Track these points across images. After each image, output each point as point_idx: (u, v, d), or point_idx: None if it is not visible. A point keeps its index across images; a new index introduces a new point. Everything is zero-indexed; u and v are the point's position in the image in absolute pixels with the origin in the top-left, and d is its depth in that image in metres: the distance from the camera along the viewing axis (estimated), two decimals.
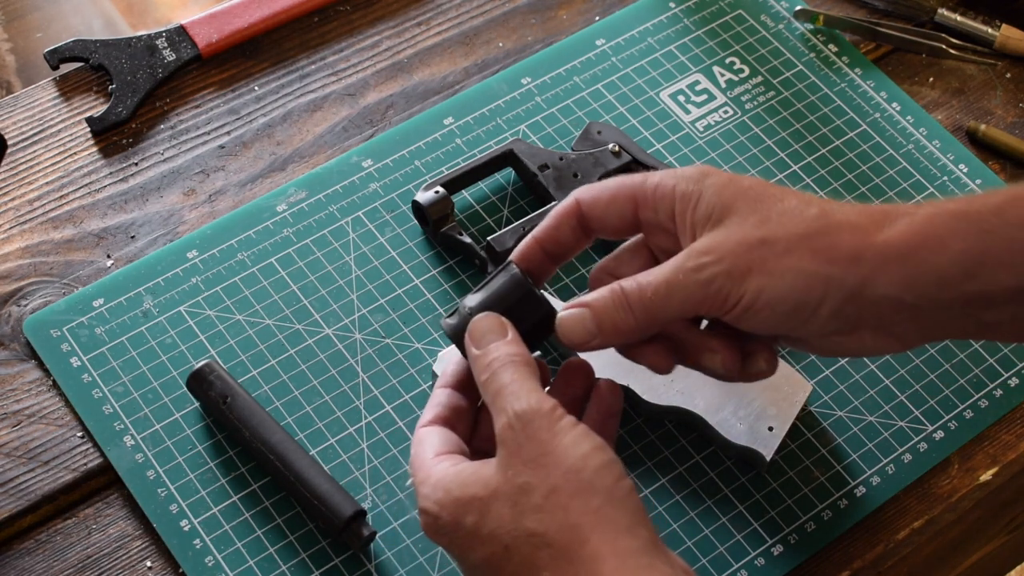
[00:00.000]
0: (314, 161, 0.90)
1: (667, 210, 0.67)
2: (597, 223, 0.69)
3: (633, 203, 0.68)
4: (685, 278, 0.65)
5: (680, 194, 0.66)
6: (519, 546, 0.61)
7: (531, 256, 0.69)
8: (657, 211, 0.67)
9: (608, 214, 0.68)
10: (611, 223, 0.68)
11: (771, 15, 0.97)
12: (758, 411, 0.77)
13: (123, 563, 0.74)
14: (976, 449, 0.80)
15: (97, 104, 0.92)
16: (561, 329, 0.67)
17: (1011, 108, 0.94)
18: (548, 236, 0.69)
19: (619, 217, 0.68)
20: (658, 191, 0.67)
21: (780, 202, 0.66)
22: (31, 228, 0.86)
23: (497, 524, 0.61)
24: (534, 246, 0.69)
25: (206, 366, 0.78)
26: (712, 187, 0.66)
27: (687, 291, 0.65)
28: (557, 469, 0.61)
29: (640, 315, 0.66)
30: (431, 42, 0.96)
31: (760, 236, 0.64)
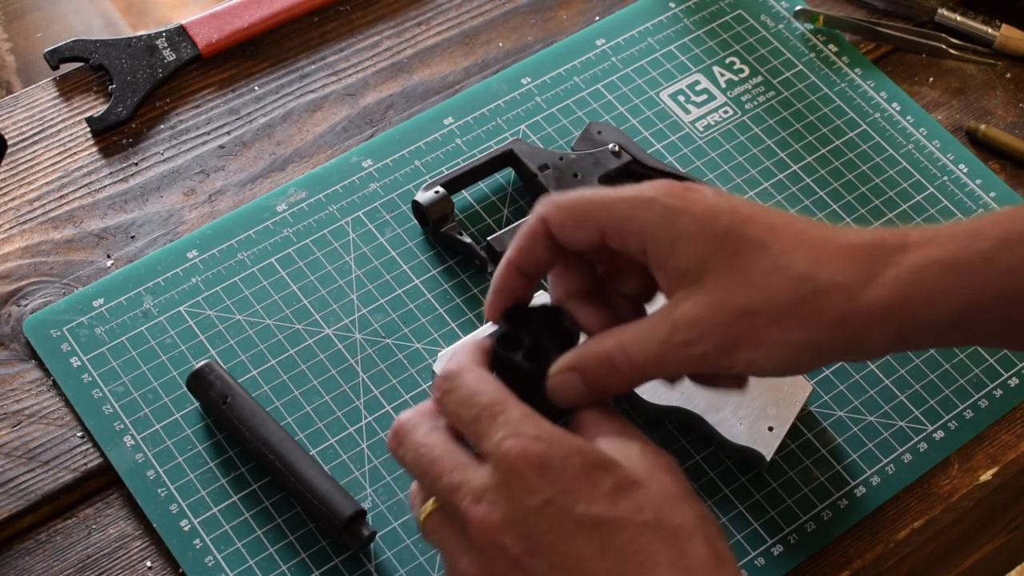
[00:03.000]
0: (314, 161, 0.90)
1: (636, 246, 0.64)
2: (566, 243, 0.66)
3: (600, 231, 0.65)
4: (675, 353, 0.63)
5: (651, 237, 0.63)
6: (653, 530, 0.59)
7: (510, 282, 0.67)
8: (626, 244, 0.64)
9: (576, 237, 0.65)
10: (579, 245, 0.66)
11: (771, 15, 0.97)
12: (758, 411, 0.77)
13: (123, 563, 0.74)
14: (976, 449, 0.80)
15: (97, 104, 0.92)
16: (552, 394, 0.66)
17: (1011, 108, 0.94)
18: (523, 258, 0.66)
19: (587, 241, 0.65)
20: (627, 227, 0.64)
21: (761, 253, 0.62)
22: (31, 228, 0.86)
23: (646, 500, 0.60)
24: (511, 271, 0.67)
25: (206, 366, 0.78)
26: (686, 235, 0.63)
27: (677, 364, 0.64)
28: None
29: (628, 382, 0.65)
30: (431, 42, 0.96)
31: (744, 305, 0.62)
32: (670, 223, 0.63)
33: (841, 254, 0.63)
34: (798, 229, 0.64)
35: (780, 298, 0.62)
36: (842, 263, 0.62)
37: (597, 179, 0.86)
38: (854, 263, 0.62)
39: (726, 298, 0.62)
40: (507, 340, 0.66)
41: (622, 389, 0.65)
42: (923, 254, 0.62)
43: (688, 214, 0.63)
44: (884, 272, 0.62)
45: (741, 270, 0.62)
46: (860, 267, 0.62)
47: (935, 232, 0.63)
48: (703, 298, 0.63)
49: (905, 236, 0.63)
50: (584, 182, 0.86)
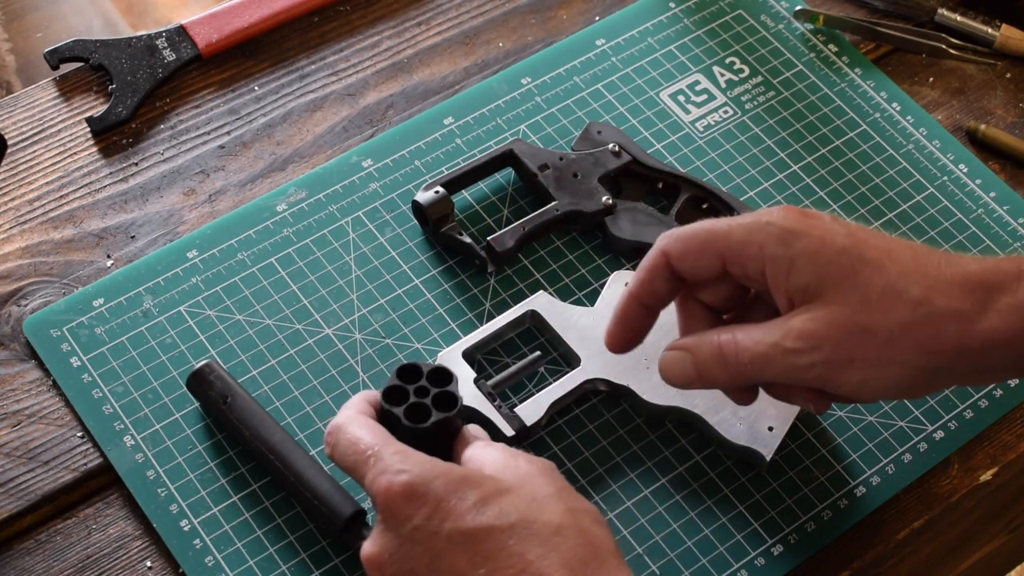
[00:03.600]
0: (314, 161, 0.90)
1: (756, 269, 0.66)
2: (688, 275, 0.68)
3: (720, 259, 0.67)
4: (783, 358, 0.65)
5: (769, 257, 0.65)
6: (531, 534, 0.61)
7: (631, 313, 0.70)
8: (745, 268, 0.66)
9: (697, 268, 0.68)
10: (700, 275, 0.68)
11: (771, 15, 0.97)
12: (758, 411, 0.77)
13: (123, 563, 0.74)
14: (976, 449, 0.80)
15: (97, 104, 0.92)
16: (663, 367, 0.69)
17: (1011, 108, 0.94)
18: (645, 290, 0.69)
19: (707, 270, 0.68)
20: (745, 251, 0.66)
21: (878, 274, 0.64)
22: (31, 228, 0.86)
23: (511, 504, 0.62)
24: (633, 303, 0.69)
25: (206, 366, 0.78)
26: (804, 255, 0.64)
27: (783, 369, 0.65)
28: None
29: (733, 375, 0.67)
30: (431, 42, 0.96)
31: (861, 324, 0.63)
32: (788, 244, 0.65)
33: (956, 281, 0.64)
34: (914, 254, 0.65)
35: (897, 320, 0.63)
36: (957, 290, 0.64)
37: (597, 179, 0.86)
38: (970, 291, 0.64)
39: (842, 315, 0.63)
40: (393, 394, 0.70)
41: (726, 381, 0.67)
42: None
43: (806, 236, 0.65)
44: (1000, 299, 0.63)
45: (858, 289, 0.64)
46: (976, 295, 0.63)
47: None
48: (819, 313, 0.64)
49: (1019, 264, 0.64)
50: (584, 182, 0.86)
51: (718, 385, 0.68)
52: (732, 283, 0.69)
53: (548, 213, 0.85)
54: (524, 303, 0.81)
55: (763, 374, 0.66)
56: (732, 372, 0.67)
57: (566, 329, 0.80)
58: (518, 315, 0.81)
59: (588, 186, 0.86)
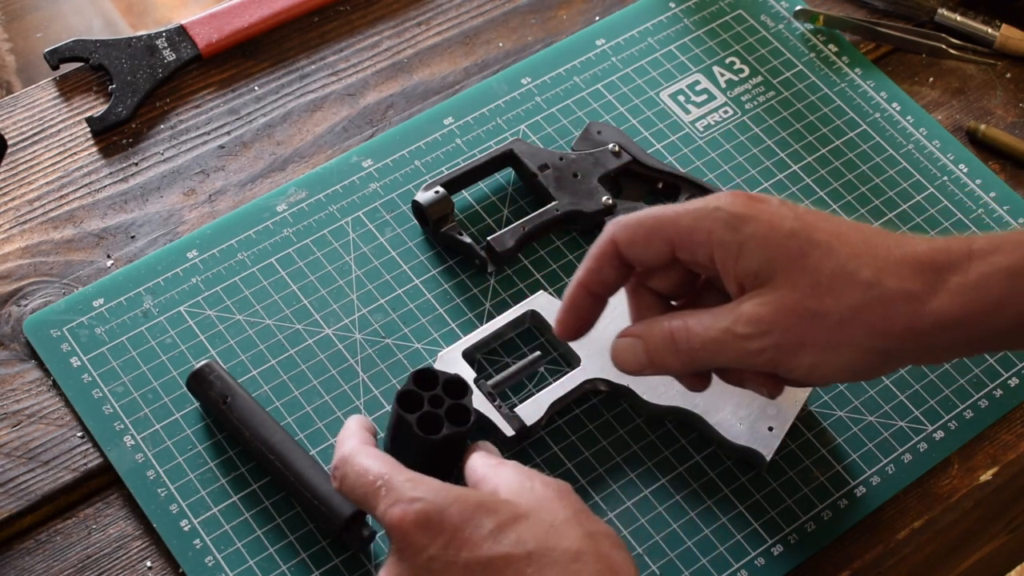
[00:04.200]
0: (314, 161, 0.90)
1: (705, 255, 0.66)
2: (637, 261, 0.68)
3: (669, 245, 0.67)
4: (734, 343, 0.64)
5: (718, 242, 0.65)
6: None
7: (580, 302, 0.69)
8: (695, 254, 0.66)
9: (646, 254, 0.67)
10: (649, 262, 0.68)
11: (771, 15, 0.97)
12: (758, 411, 0.77)
13: (123, 563, 0.74)
14: (976, 449, 0.80)
15: (97, 104, 0.92)
16: (614, 354, 0.69)
17: (1011, 108, 0.94)
18: (593, 279, 0.69)
19: (656, 257, 0.67)
20: (694, 236, 0.66)
21: (828, 257, 0.64)
22: (31, 228, 0.86)
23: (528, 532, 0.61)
24: (581, 291, 0.69)
25: (206, 366, 0.78)
26: (753, 239, 0.64)
27: (734, 354, 0.65)
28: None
29: (685, 361, 0.66)
30: (431, 42, 0.96)
31: (812, 307, 0.63)
32: (736, 229, 0.65)
33: (906, 262, 0.64)
34: (864, 236, 0.65)
35: (847, 303, 0.63)
36: (907, 271, 0.63)
37: (597, 179, 0.86)
38: (920, 271, 0.63)
39: (792, 299, 0.63)
40: (408, 399, 0.70)
41: (677, 368, 0.67)
42: (989, 262, 0.63)
43: (754, 220, 0.65)
44: (950, 280, 0.63)
45: (808, 273, 0.63)
46: (926, 275, 0.63)
47: (1000, 240, 0.64)
48: (769, 297, 0.64)
49: (970, 243, 0.64)
50: (584, 182, 0.86)
51: (670, 371, 0.68)
52: (682, 269, 0.69)
53: (548, 213, 0.85)
54: (524, 303, 0.81)
55: (714, 359, 0.66)
56: (683, 358, 0.66)
57: None
58: (518, 315, 0.81)
59: (588, 186, 0.86)
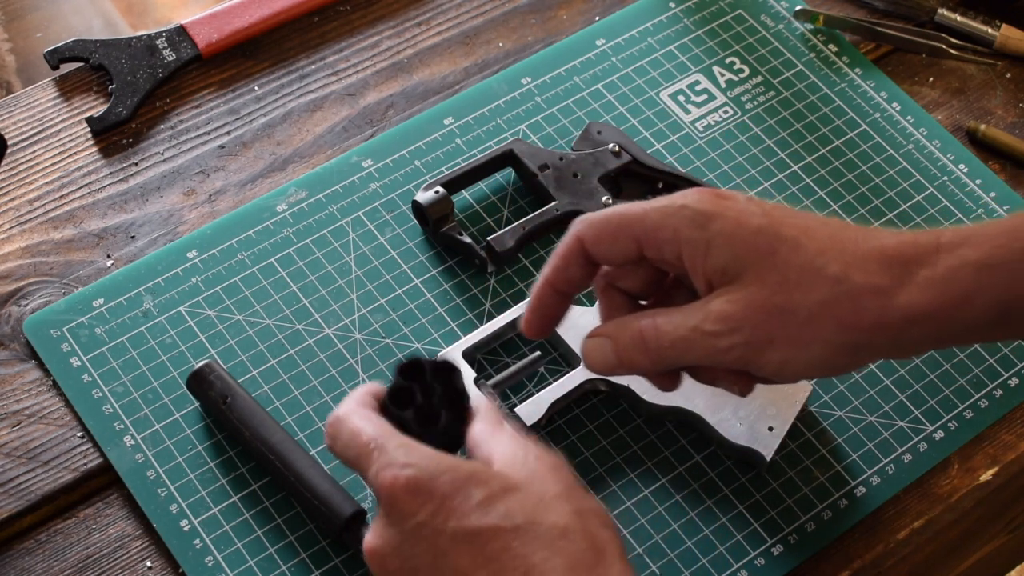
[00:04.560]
0: (314, 161, 0.90)
1: (673, 253, 0.65)
2: (603, 260, 0.68)
3: (636, 243, 0.66)
4: (703, 341, 0.64)
5: (685, 240, 0.65)
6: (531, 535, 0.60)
7: (546, 300, 0.69)
8: (662, 252, 0.66)
9: (612, 252, 0.67)
10: (616, 259, 0.68)
11: (771, 15, 0.97)
12: (758, 411, 0.77)
13: (123, 563, 0.74)
14: (976, 449, 0.80)
15: (97, 104, 0.92)
16: (585, 354, 0.68)
17: (1011, 108, 0.94)
18: (559, 277, 0.68)
19: (623, 255, 0.67)
20: (661, 234, 0.65)
21: (796, 253, 0.63)
22: (31, 228, 0.86)
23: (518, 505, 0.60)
24: (547, 289, 0.69)
25: (206, 366, 0.78)
26: (720, 236, 0.64)
27: (704, 352, 0.65)
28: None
29: (654, 360, 0.66)
30: (431, 42, 0.96)
31: (780, 303, 0.63)
32: (702, 227, 0.64)
33: (874, 256, 0.63)
34: (831, 231, 0.65)
35: (816, 298, 0.63)
36: (875, 265, 0.63)
37: (597, 179, 0.86)
38: (888, 265, 0.63)
39: (761, 295, 0.63)
40: (399, 395, 0.67)
41: (647, 366, 0.67)
42: (957, 255, 0.63)
43: (721, 217, 0.64)
44: (918, 273, 0.63)
45: (776, 268, 0.63)
46: (894, 269, 0.63)
47: (968, 233, 0.64)
48: (738, 294, 0.64)
49: (938, 237, 0.64)
50: (584, 182, 0.86)
51: (639, 370, 0.68)
52: (650, 268, 0.68)
53: (548, 213, 0.85)
54: (524, 303, 0.81)
55: (684, 358, 0.66)
56: (653, 357, 0.66)
57: (566, 329, 0.80)
58: (518, 315, 0.81)
59: (588, 186, 0.86)
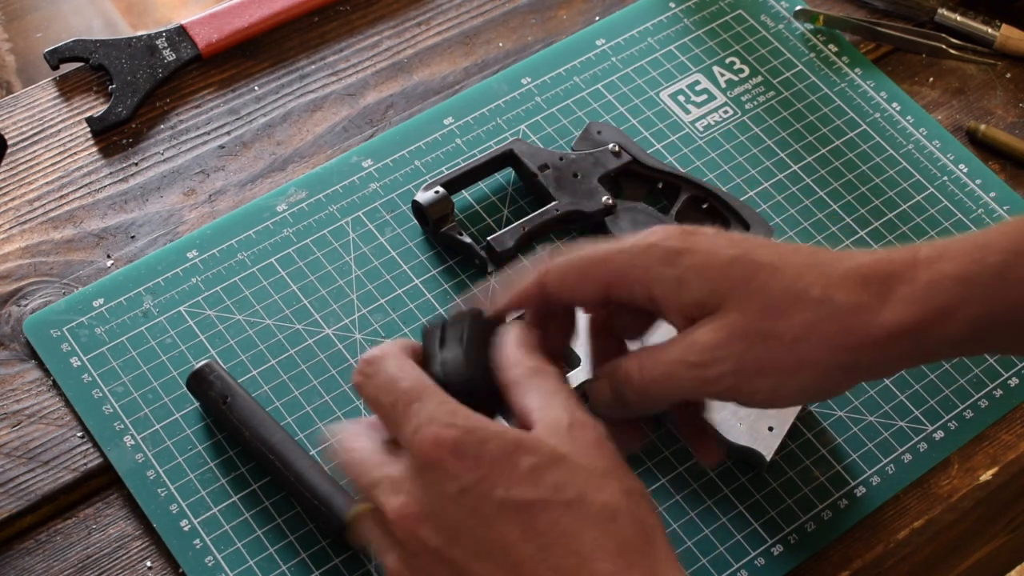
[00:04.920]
0: (314, 161, 0.90)
1: (643, 294, 0.64)
2: (566, 303, 0.66)
3: (603, 286, 0.64)
4: (688, 373, 0.63)
5: (655, 278, 0.63)
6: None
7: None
8: (632, 293, 0.64)
9: (576, 297, 0.65)
10: (580, 303, 0.66)
11: (771, 15, 0.97)
12: (758, 411, 0.77)
13: (123, 563, 0.74)
14: (976, 449, 0.80)
15: (97, 104, 0.92)
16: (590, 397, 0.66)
17: (1011, 108, 0.94)
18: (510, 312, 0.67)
19: (589, 298, 0.65)
20: (630, 275, 0.64)
21: (774, 277, 0.62)
22: (31, 228, 0.86)
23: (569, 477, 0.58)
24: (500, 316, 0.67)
25: (206, 366, 0.78)
26: (692, 271, 0.63)
27: (691, 384, 0.63)
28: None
29: (643, 395, 0.64)
30: (431, 42, 0.96)
31: (765, 329, 0.62)
32: (673, 263, 0.63)
33: (851, 276, 0.63)
34: (804, 256, 0.64)
35: (800, 321, 0.62)
36: (854, 284, 0.63)
37: (597, 179, 0.86)
38: (865, 284, 0.63)
39: (743, 323, 0.62)
40: (431, 337, 0.65)
41: (640, 404, 0.65)
42: (936, 269, 0.62)
43: (690, 252, 0.63)
44: (898, 290, 0.62)
45: (757, 295, 0.62)
46: (872, 287, 0.62)
47: (944, 247, 0.64)
48: (721, 323, 0.62)
49: (915, 253, 0.64)
50: (584, 182, 0.86)
51: (635, 408, 0.66)
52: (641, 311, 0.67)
53: (548, 213, 0.85)
54: None
55: (670, 392, 0.64)
56: (640, 393, 0.64)
57: None
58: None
59: (588, 186, 0.86)
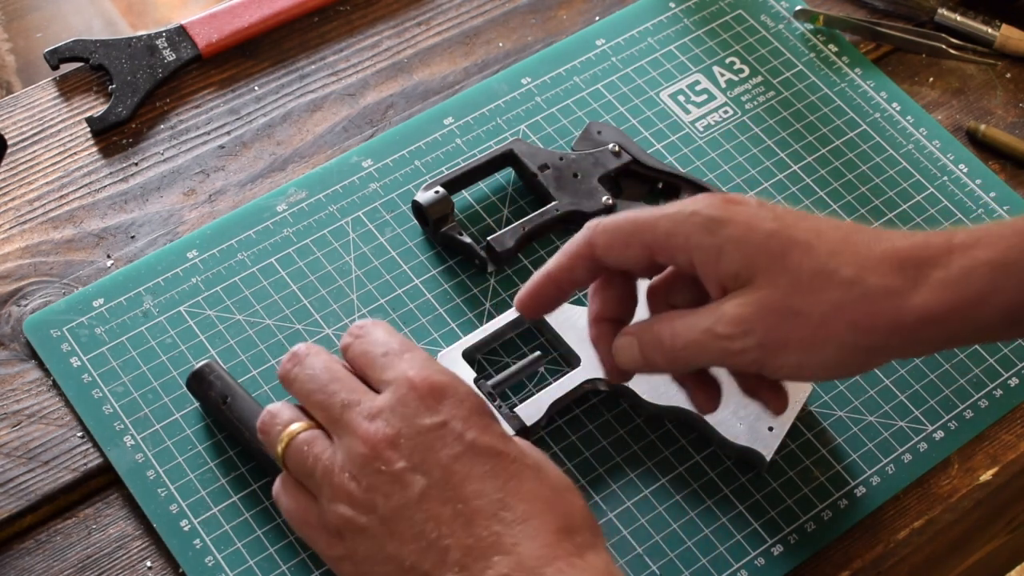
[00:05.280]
0: (314, 161, 0.90)
1: (685, 260, 0.66)
2: (613, 264, 0.68)
3: (648, 250, 0.67)
4: (716, 344, 0.64)
5: (696, 246, 0.65)
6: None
7: (545, 291, 0.70)
8: (674, 258, 0.66)
9: (623, 259, 0.68)
10: (626, 266, 0.68)
11: (771, 15, 0.97)
12: (758, 411, 0.77)
13: (123, 563, 0.74)
14: (976, 449, 0.80)
15: (97, 104, 0.92)
16: (615, 351, 0.69)
17: (1011, 108, 0.94)
18: (563, 276, 0.69)
19: (634, 262, 0.68)
20: (672, 241, 0.66)
21: (808, 256, 0.63)
22: (31, 228, 0.86)
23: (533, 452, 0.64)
24: (547, 283, 0.69)
25: (206, 366, 0.78)
26: (732, 242, 0.64)
27: (717, 354, 0.65)
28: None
29: (670, 360, 0.67)
30: (431, 42, 0.96)
31: (794, 306, 0.63)
32: (714, 232, 0.65)
33: (887, 258, 0.63)
34: (843, 233, 0.65)
35: (829, 300, 0.63)
36: (888, 267, 0.63)
37: (597, 179, 0.86)
38: (900, 267, 0.63)
39: (773, 299, 0.63)
40: None
41: (666, 366, 0.68)
42: (971, 256, 0.63)
43: (731, 222, 0.65)
44: (932, 275, 0.63)
45: (789, 271, 0.63)
46: (907, 271, 0.63)
47: (981, 233, 0.64)
48: (751, 297, 0.64)
49: (950, 238, 0.64)
50: (584, 182, 0.86)
51: (660, 370, 0.69)
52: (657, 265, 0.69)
53: (548, 213, 0.85)
54: None
55: (698, 359, 0.66)
56: (669, 358, 0.67)
57: (566, 329, 0.80)
58: (518, 315, 0.81)
59: (588, 186, 0.86)
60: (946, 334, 0.64)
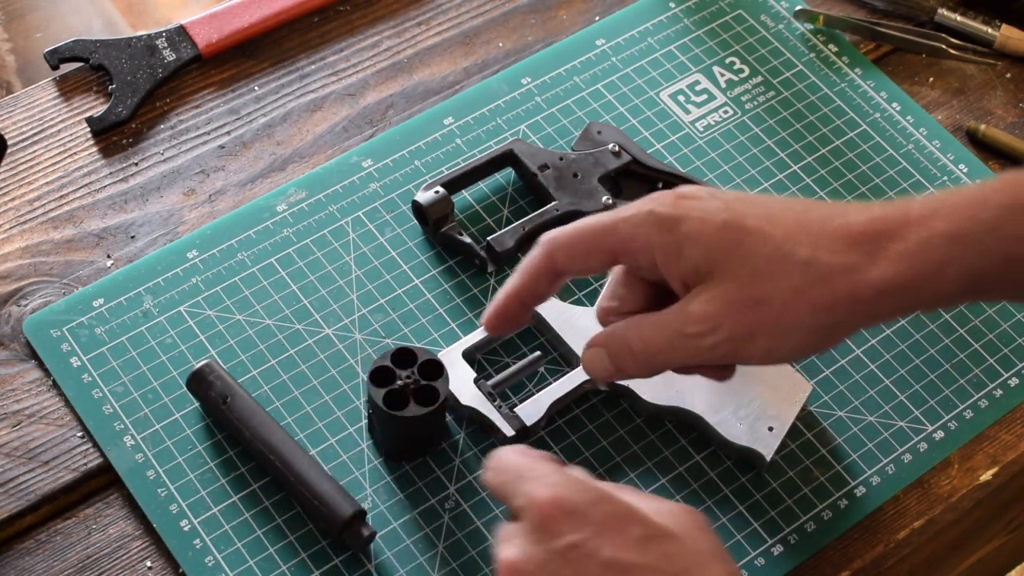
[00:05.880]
0: (314, 161, 0.90)
1: (647, 260, 0.66)
2: (575, 274, 0.69)
3: (611, 255, 0.67)
4: (686, 343, 0.65)
5: (657, 246, 0.65)
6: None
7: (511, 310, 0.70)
8: (637, 260, 0.67)
9: (586, 267, 0.68)
10: (588, 272, 0.69)
11: (771, 15, 0.97)
12: (758, 411, 0.77)
13: (123, 563, 0.74)
14: (976, 449, 0.80)
15: (97, 104, 0.92)
16: (584, 363, 0.69)
17: (1011, 108, 0.94)
18: (526, 293, 0.69)
19: (599, 267, 0.68)
20: (633, 244, 0.66)
21: (762, 242, 0.64)
22: (31, 228, 0.86)
23: (677, 551, 0.60)
24: (511, 302, 0.70)
25: (206, 366, 0.78)
26: (688, 238, 0.65)
27: (690, 353, 0.65)
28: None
29: (644, 366, 0.67)
30: (431, 42, 0.96)
31: (755, 296, 0.64)
32: (671, 230, 0.65)
33: (841, 235, 0.64)
34: (795, 214, 0.65)
35: (787, 285, 0.63)
36: (842, 244, 0.64)
37: (597, 179, 0.86)
38: (855, 243, 0.64)
39: (734, 291, 0.64)
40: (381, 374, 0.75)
41: (639, 372, 0.68)
42: (928, 227, 0.63)
43: (686, 219, 0.65)
44: (889, 248, 0.63)
45: (746, 261, 0.64)
46: (863, 246, 0.63)
47: (937, 204, 0.64)
48: (714, 292, 0.64)
49: (906, 210, 0.64)
50: (584, 182, 0.86)
51: (635, 376, 0.69)
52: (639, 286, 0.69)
53: (548, 213, 0.85)
54: None
55: (670, 362, 0.67)
56: (640, 364, 0.67)
57: (566, 329, 0.80)
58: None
59: (588, 186, 0.86)
60: (903, 304, 0.64)
